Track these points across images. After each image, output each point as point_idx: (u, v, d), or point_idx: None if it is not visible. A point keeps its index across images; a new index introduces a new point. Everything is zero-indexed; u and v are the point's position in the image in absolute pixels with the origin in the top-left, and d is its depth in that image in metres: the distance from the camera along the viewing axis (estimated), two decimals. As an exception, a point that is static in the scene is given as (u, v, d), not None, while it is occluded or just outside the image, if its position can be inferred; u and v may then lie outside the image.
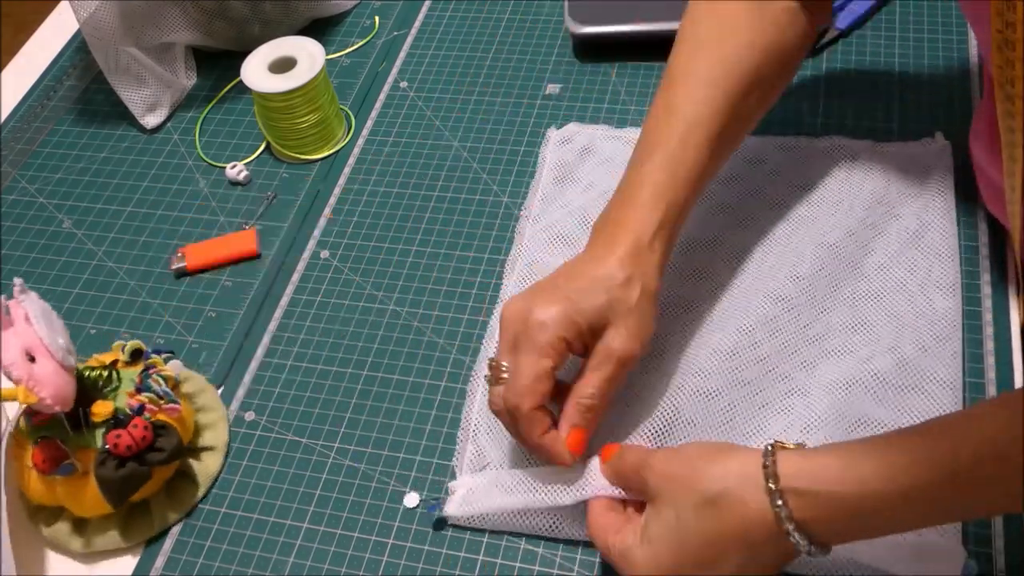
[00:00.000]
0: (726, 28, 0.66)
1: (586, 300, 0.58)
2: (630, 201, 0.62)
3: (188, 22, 0.91)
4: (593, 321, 0.58)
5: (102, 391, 0.62)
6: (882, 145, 0.77)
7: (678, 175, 0.63)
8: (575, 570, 0.60)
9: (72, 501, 0.62)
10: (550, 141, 0.83)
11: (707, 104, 0.64)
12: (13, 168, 0.90)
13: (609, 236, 0.61)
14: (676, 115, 0.64)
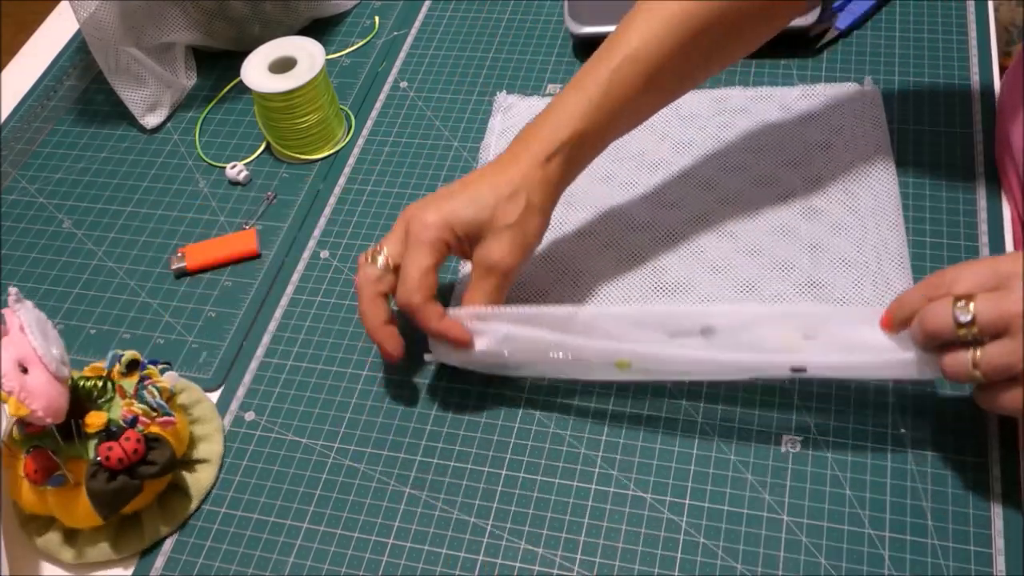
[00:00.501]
0: None
1: (468, 210, 0.63)
2: (543, 118, 0.65)
3: (188, 22, 0.91)
4: (470, 230, 0.63)
5: (96, 402, 0.62)
6: (811, 88, 0.82)
7: (600, 104, 0.64)
8: (575, 570, 0.60)
9: (63, 512, 0.62)
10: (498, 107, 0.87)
11: (655, 41, 0.64)
12: (13, 168, 0.90)
13: (513, 150, 0.65)
14: (619, 43, 0.65)
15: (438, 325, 0.63)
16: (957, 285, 0.54)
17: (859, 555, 0.58)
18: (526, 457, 0.65)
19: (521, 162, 0.64)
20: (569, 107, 0.64)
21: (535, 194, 0.64)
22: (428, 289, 0.63)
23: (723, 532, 0.60)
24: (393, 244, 0.64)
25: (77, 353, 0.75)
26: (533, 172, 0.64)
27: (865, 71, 0.84)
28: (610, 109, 0.64)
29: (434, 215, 0.63)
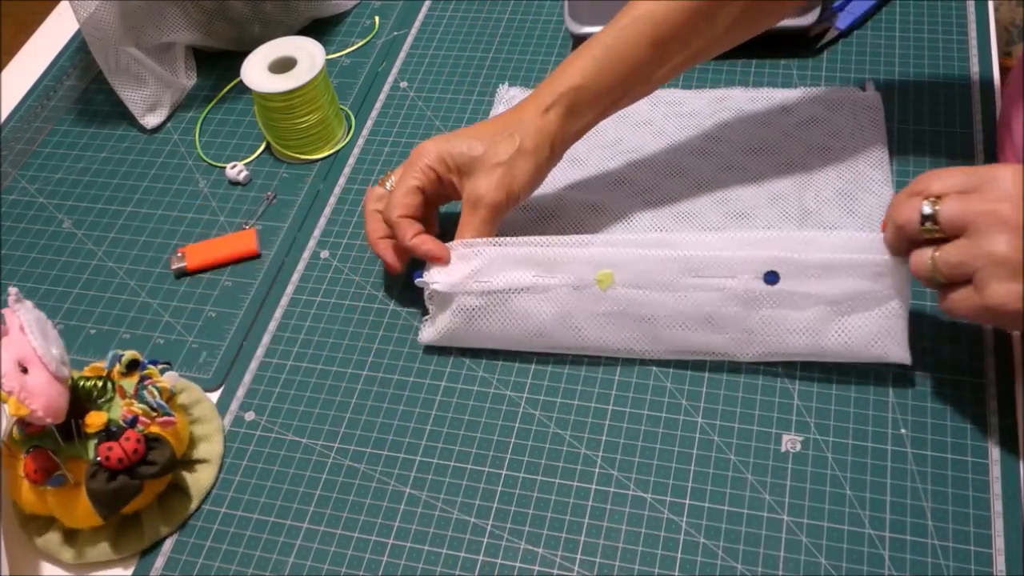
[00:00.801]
0: None
1: (464, 145, 0.68)
2: (550, 76, 0.69)
3: (188, 22, 0.91)
4: (461, 163, 0.68)
5: (96, 402, 0.62)
6: (812, 90, 0.82)
7: (602, 62, 0.67)
8: (575, 570, 0.60)
9: (63, 512, 0.62)
10: (500, 99, 0.88)
11: (664, 6, 0.66)
12: (13, 168, 0.90)
13: (523, 102, 0.69)
14: (632, 7, 0.68)
15: (411, 240, 0.67)
16: (935, 184, 0.56)
17: (859, 555, 0.58)
18: (526, 457, 0.65)
19: (524, 111, 0.68)
20: (574, 64, 0.68)
21: (528, 139, 0.67)
22: (406, 208, 0.68)
23: (723, 532, 0.60)
24: (400, 170, 0.71)
25: (77, 353, 0.75)
26: (530, 119, 0.68)
27: (865, 71, 0.84)
28: (611, 68, 0.67)
29: (432, 146, 0.69)
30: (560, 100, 0.68)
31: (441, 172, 0.69)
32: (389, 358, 0.71)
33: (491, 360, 0.70)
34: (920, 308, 0.68)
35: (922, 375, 0.65)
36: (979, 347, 0.66)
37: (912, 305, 0.63)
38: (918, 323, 0.66)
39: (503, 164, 0.67)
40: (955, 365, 0.65)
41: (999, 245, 0.52)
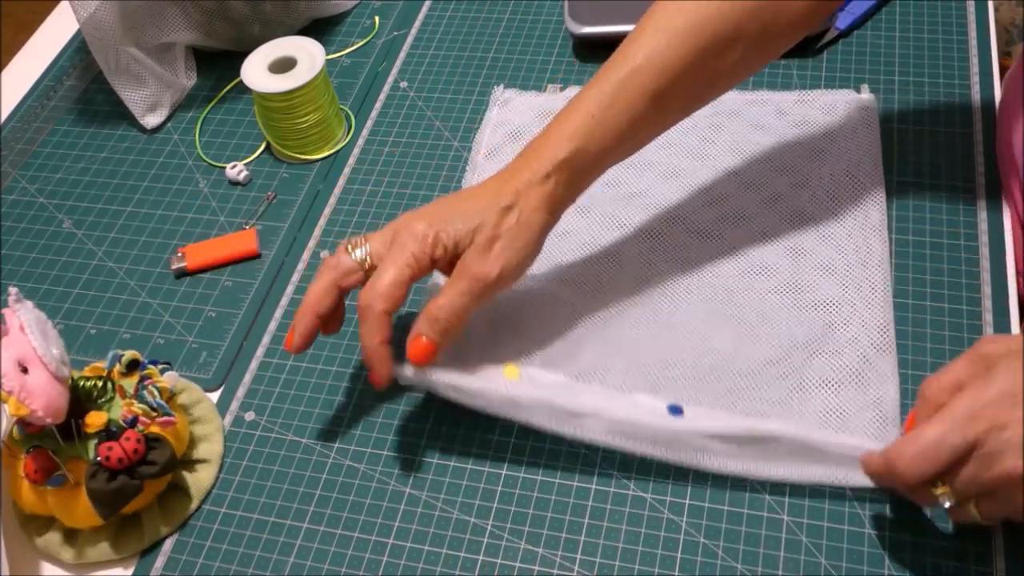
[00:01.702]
0: None
1: (460, 221, 0.61)
2: (547, 133, 0.63)
3: (188, 22, 0.91)
4: (459, 240, 0.61)
5: (96, 402, 0.62)
6: (807, 93, 0.82)
7: (601, 121, 0.62)
8: (575, 570, 0.60)
9: (63, 512, 0.62)
10: (495, 100, 0.87)
11: (663, 56, 0.61)
12: (13, 168, 0.90)
13: (514, 165, 0.63)
14: (627, 55, 0.62)
15: (375, 347, 0.60)
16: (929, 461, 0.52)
17: (859, 555, 0.58)
18: (526, 457, 0.65)
19: (520, 177, 0.62)
20: (571, 123, 0.62)
21: (528, 212, 0.61)
22: (392, 302, 0.60)
23: (723, 532, 0.60)
24: (377, 243, 0.62)
25: (77, 353, 0.75)
26: (530, 189, 0.62)
27: (865, 71, 0.84)
28: (612, 127, 0.62)
29: (424, 227, 0.61)
30: (562, 167, 0.62)
31: (438, 256, 0.61)
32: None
33: (491, 360, 0.70)
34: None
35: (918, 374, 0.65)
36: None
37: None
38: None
39: (501, 237, 0.61)
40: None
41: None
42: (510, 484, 0.64)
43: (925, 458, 0.51)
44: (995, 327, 0.66)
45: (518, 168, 0.63)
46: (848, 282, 0.69)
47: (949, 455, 0.51)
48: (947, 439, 0.50)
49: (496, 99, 0.87)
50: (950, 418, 0.51)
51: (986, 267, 0.70)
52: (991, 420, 0.50)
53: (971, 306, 0.68)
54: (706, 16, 0.62)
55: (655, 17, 0.63)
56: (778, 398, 0.64)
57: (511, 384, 0.62)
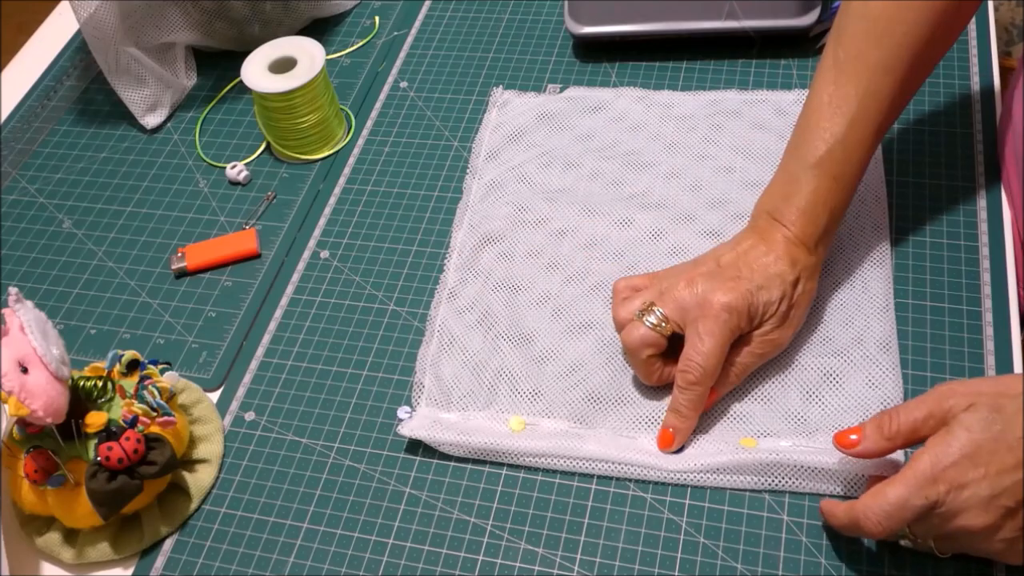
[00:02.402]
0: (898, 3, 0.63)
1: (763, 294, 0.62)
2: (791, 199, 0.64)
3: (188, 22, 0.91)
4: (764, 311, 0.63)
5: (96, 402, 0.62)
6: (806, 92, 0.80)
7: (841, 178, 0.64)
8: (575, 570, 0.60)
9: (63, 512, 0.62)
10: (494, 102, 0.87)
11: (876, 96, 0.64)
12: (13, 168, 0.90)
13: (766, 231, 0.65)
14: (843, 109, 0.64)
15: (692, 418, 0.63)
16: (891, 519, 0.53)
17: (859, 555, 0.58)
18: (526, 457, 0.65)
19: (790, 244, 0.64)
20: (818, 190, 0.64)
21: (810, 281, 0.64)
22: (712, 377, 0.62)
23: (723, 532, 0.60)
24: (671, 307, 0.63)
25: (77, 353, 0.75)
26: (809, 260, 0.64)
27: (865, 71, 0.84)
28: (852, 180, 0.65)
29: (735, 299, 0.62)
30: (827, 235, 0.65)
31: (744, 327, 0.63)
32: (389, 358, 0.71)
33: (491, 360, 0.70)
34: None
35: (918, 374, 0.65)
36: (979, 347, 0.66)
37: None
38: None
39: (795, 307, 0.64)
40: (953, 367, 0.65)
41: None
42: (510, 484, 0.64)
43: (890, 519, 0.53)
44: (995, 327, 0.66)
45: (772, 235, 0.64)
46: (854, 281, 0.69)
47: (912, 515, 0.52)
48: (911, 501, 0.52)
49: (495, 101, 0.87)
50: (913, 479, 0.52)
51: (986, 267, 0.70)
52: (951, 482, 0.51)
53: (971, 306, 0.68)
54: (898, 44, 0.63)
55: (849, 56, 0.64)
56: (785, 404, 0.64)
57: (518, 437, 0.64)
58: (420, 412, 0.67)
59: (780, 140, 0.78)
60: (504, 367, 0.68)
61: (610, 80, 0.88)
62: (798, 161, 0.65)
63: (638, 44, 0.90)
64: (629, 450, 0.63)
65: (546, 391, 0.66)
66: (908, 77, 0.64)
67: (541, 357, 0.68)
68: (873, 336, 0.66)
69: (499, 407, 0.66)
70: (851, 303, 0.68)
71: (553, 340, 0.69)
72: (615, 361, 0.67)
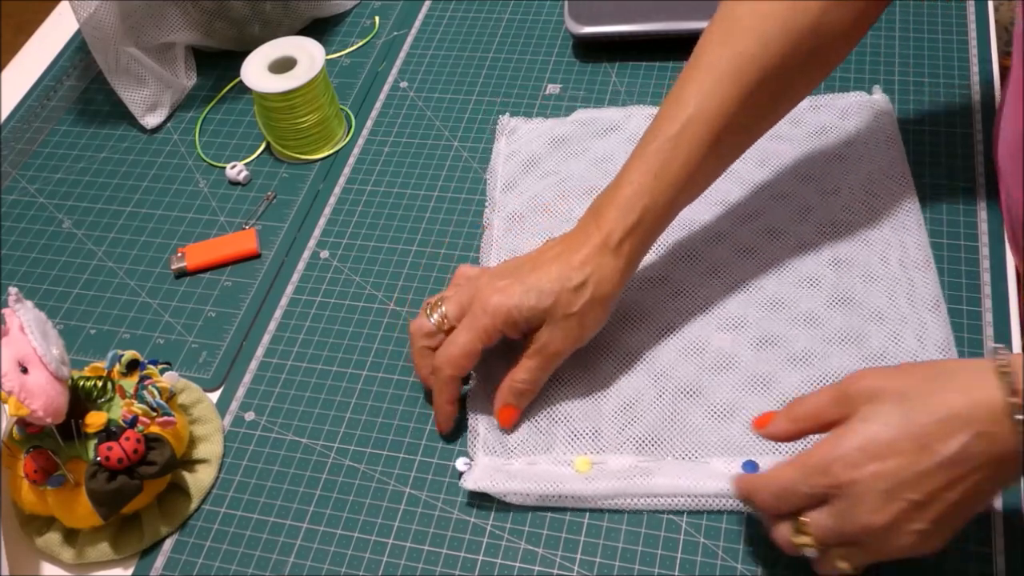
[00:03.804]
0: (761, 10, 0.62)
1: (532, 299, 0.62)
2: (611, 197, 0.63)
3: (188, 22, 0.91)
4: (531, 318, 0.62)
5: (96, 402, 0.62)
6: (819, 98, 0.81)
7: (663, 177, 0.62)
8: (575, 570, 0.60)
9: (63, 512, 0.62)
10: (502, 130, 0.85)
11: (714, 98, 0.62)
12: (13, 168, 0.90)
13: (583, 230, 0.64)
14: (680, 105, 0.63)
15: (446, 406, 0.65)
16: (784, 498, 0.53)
17: (859, 555, 0.58)
18: (526, 457, 0.65)
19: (588, 246, 0.62)
20: (635, 185, 0.62)
21: (603, 284, 0.62)
22: (461, 369, 0.63)
23: (723, 532, 0.60)
24: (453, 307, 0.64)
25: (77, 353, 0.75)
26: (605, 261, 0.62)
27: (866, 71, 0.84)
28: (675, 182, 0.63)
29: (498, 302, 0.62)
30: (633, 232, 0.62)
31: (507, 331, 0.63)
32: (389, 358, 0.71)
33: (491, 360, 0.70)
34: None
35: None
36: (980, 347, 0.66)
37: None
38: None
39: (573, 316, 0.62)
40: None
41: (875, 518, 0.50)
42: (510, 484, 0.64)
43: (777, 499, 0.53)
44: (995, 327, 0.66)
45: (586, 235, 0.63)
46: (896, 291, 0.67)
47: (800, 501, 0.52)
48: (797, 487, 0.51)
49: (503, 128, 0.85)
50: (802, 467, 0.52)
51: (986, 267, 0.70)
52: (841, 475, 0.50)
53: (971, 306, 0.68)
54: (752, 54, 0.62)
55: (700, 61, 0.63)
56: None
57: (586, 479, 0.62)
58: (480, 462, 0.64)
59: (801, 150, 0.77)
60: (558, 409, 0.66)
61: (610, 80, 0.88)
62: (631, 157, 0.64)
63: (638, 44, 0.90)
64: (703, 477, 0.60)
65: (605, 429, 0.64)
66: (756, 95, 0.62)
67: (595, 395, 0.66)
68: (927, 351, 0.64)
69: (560, 450, 0.64)
70: (898, 315, 0.66)
71: (604, 376, 0.67)
72: (669, 392, 0.65)
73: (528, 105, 0.87)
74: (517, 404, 0.65)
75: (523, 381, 0.64)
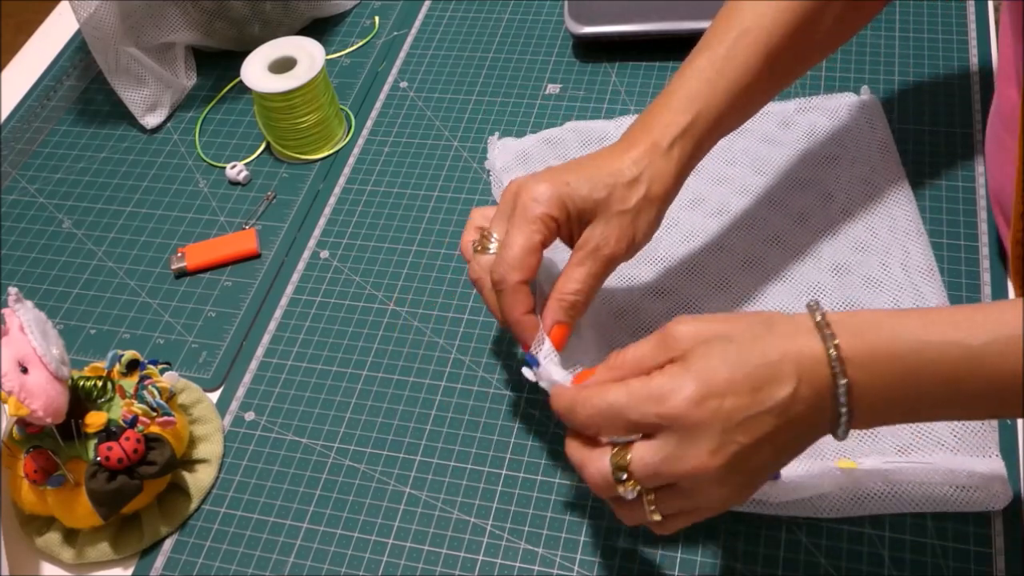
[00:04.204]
0: None
1: (584, 188, 0.57)
2: (661, 104, 0.61)
3: (188, 22, 0.91)
4: (584, 209, 0.58)
5: (96, 402, 0.62)
6: (807, 101, 0.80)
7: (717, 84, 0.60)
8: (575, 570, 0.60)
9: (63, 512, 0.62)
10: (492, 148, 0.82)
11: (770, 15, 0.61)
12: (13, 168, 0.90)
13: (631, 135, 0.60)
14: (733, 20, 0.61)
15: (519, 317, 0.57)
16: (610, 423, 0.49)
17: (859, 555, 0.58)
18: (526, 457, 0.65)
19: (641, 147, 0.59)
20: (688, 88, 0.60)
21: (656, 183, 0.58)
22: (528, 270, 0.57)
23: (723, 532, 0.60)
24: (500, 223, 0.59)
25: (77, 353, 0.75)
26: (656, 160, 0.59)
27: (865, 71, 0.84)
28: (729, 89, 0.60)
29: (547, 188, 0.57)
30: (685, 135, 0.59)
31: (562, 221, 0.58)
32: (389, 358, 0.71)
33: (491, 360, 0.70)
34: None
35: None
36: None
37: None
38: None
39: (628, 212, 0.58)
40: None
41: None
42: (510, 484, 0.64)
43: (600, 419, 0.49)
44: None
45: (637, 138, 0.60)
46: (901, 298, 0.67)
47: (624, 427, 0.49)
48: (626, 412, 0.48)
49: (493, 146, 0.82)
50: (635, 392, 0.48)
51: (986, 267, 0.70)
52: (678, 408, 0.47)
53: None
54: None
55: None
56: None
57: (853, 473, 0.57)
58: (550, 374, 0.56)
59: (793, 153, 0.77)
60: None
61: (610, 80, 0.88)
62: (678, 70, 0.62)
63: (638, 44, 0.90)
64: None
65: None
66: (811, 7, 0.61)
67: None
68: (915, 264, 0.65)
69: None
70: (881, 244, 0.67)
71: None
72: None
73: (528, 105, 0.87)
74: (568, 319, 0.58)
75: (575, 292, 0.57)
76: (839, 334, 0.47)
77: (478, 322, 0.72)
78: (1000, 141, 0.70)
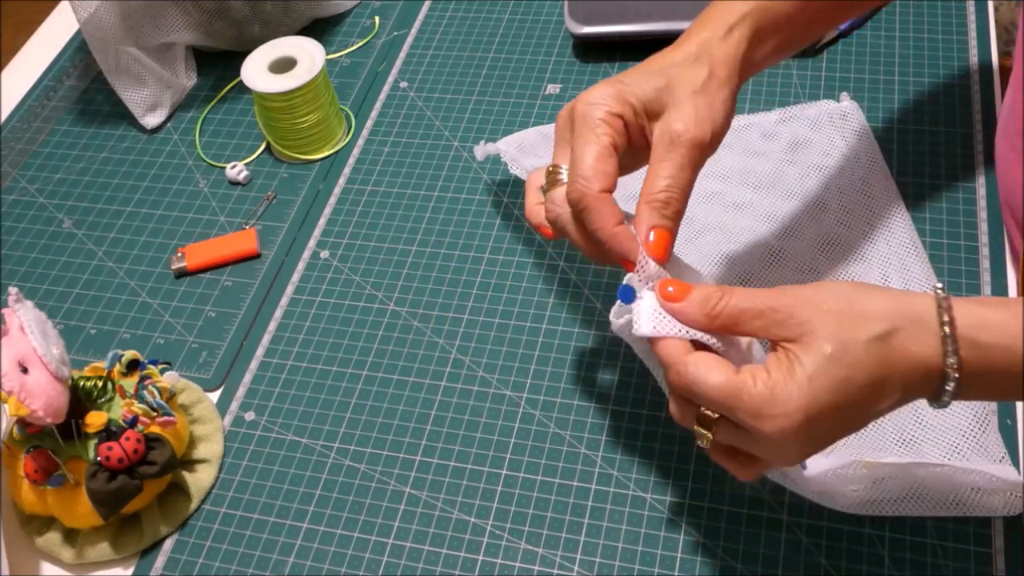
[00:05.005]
0: None
1: (642, 82, 0.53)
2: (714, 5, 0.57)
3: (188, 22, 0.91)
4: (648, 101, 0.53)
5: (96, 402, 0.62)
6: (787, 110, 0.80)
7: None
8: (575, 570, 0.60)
9: (63, 512, 0.62)
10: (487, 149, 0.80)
11: None
12: (13, 168, 0.90)
13: (682, 36, 0.56)
14: None
15: (613, 232, 0.51)
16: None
17: (859, 555, 0.58)
18: (526, 457, 0.65)
19: (695, 39, 0.55)
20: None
21: (719, 65, 0.54)
22: (607, 177, 0.51)
23: (723, 532, 0.60)
24: (563, 148, 0.54)
25: (77, 353, 0.75)
26: (714, 45, 0.54)
27: (865, 71, 0.84)
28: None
29: (602, 89, 0.53)
30: (744, 20, 0.55)
31: (628, 118, 0.52)
32: (389, 358, 0.71)
33: (492, 360, 0.70)
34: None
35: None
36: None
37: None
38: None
39: (699, 93, 0.52)
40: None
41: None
42: (510, 484, 0.64)
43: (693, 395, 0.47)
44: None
45: (689, 33, 0.56)
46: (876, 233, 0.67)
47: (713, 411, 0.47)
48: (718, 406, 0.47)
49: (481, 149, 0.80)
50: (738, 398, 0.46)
51: (986, 267, 0.70)
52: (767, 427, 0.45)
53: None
54: None
55: None
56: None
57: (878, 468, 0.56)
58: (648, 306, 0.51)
59: (777, 164, 0.76)
60: None
61: (610, 80, 0.88)
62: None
63: (638, 44, 0.90)
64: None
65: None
66: None
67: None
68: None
69: None
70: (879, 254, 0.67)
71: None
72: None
73: (528, 105, 0.87)
74: (665, 222, 0.51)
75: (665, 188, 0.51)
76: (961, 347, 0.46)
77: (478, 322, 0.73)
78: (1015, 147, 0.69)
